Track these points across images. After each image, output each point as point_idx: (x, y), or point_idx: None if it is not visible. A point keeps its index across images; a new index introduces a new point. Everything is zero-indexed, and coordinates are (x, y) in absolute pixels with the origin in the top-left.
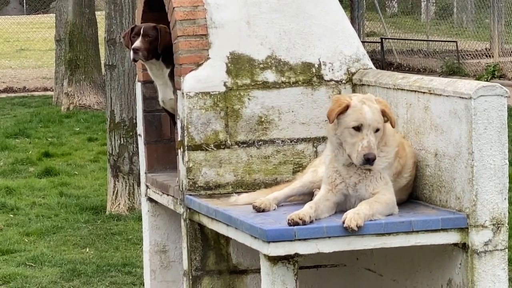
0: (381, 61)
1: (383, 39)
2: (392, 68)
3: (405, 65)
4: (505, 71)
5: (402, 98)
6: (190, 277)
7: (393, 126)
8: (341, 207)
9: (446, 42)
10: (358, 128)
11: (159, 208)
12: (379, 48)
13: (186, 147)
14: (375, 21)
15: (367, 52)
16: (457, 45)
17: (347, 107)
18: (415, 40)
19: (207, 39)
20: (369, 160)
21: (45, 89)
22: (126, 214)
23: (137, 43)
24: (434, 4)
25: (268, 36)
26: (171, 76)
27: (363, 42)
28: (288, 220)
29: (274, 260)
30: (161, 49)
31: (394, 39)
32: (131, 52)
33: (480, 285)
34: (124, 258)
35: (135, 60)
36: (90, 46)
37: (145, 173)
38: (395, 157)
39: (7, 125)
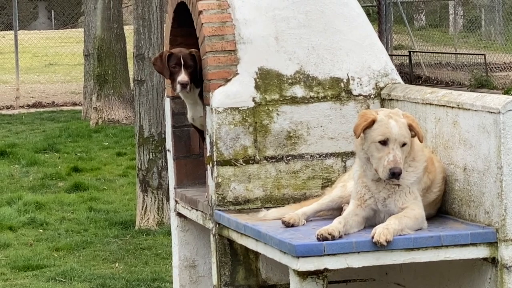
0: (409, 74)
1: (411, 52)
2: (420, 81)
3: (433, 78)
4: None
5: (430, 113)
6: None
7: (420, 141)
8: (370, 222)
9: (474, 55)
10: (384, 143)
11: (188, 223)
12: (407, 61)
13: (215, 162)
14: (403, 34)
15: (395, 66)
16: (485, 58)
17: (373, 122)
18: (443, 53)
19: (235, 54)
20: (394, 174)
21: (74, 104)
22: (155, 229)
23: (184, 77)
24: (462, 17)
25: (297, 52)
26: (201, 95)
27: (391, 55)
28: (317, 235)
29: (304, 275)
30: (199, 75)
31: (422, 52)
32: (178, 86)
33: None
34: (154, 273)
35: (181, 90)
36: (119, 61)
37: (174, 188)
38: (424, 172)
39: (36, 140)
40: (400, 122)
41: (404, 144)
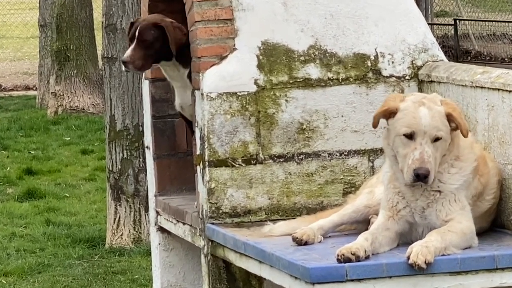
0: (455, 48)
1: (457, 21)
2: (469, 57)
3: (485, 53)
4: None
5: (482, 99)
6: None
7: (464, 135)
8: (405, 239)
9: None
10: (410, 136)
11: (172, 240)
12: (452, 32)
13: (207, 163)
14: None
15: (437, 38)
16: None
17: (393, 110)
18: (498, 21)
19: (232, 24)
20: (419, 177)
21: (27, 88)
22: (131, 248)
23: (127, 53)
24: None
25: (311, 21)
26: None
27: (431, 25)
28: (338, 255)
29: None
30: (174, 49)
31: (471, 20)
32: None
33: None
34: None
35: (127, 71)
36: (84, 33)
37: (155, 195)
38: (474, 175)
39: None
40: (434, 111)
41: (437, 139)
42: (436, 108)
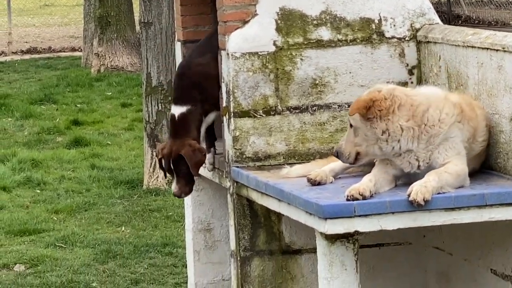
0: (447, 13)
1: None
2: (459, 21)
3: (474, 17)
4: None
5: (472, 57)
6: (238, 258)
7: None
8: (405, 180)
9: None
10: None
11: (202, 181)
12: None
13: (232, 114)
14: None
15: (432, 4)
16: None
17: None
18: None
19: None
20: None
21: (73, 49)
22: (166, 188)
23: (174, 187)
24: None
25: None
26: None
27: None
28: (347, 195)
29: (332, 238)
30: (196, 172)
31: None
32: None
33: None
34: (164, 237)
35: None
36: (123, 1)
37: None
38: (463, 120)
39: (32, 90)
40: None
41: (351, 125)
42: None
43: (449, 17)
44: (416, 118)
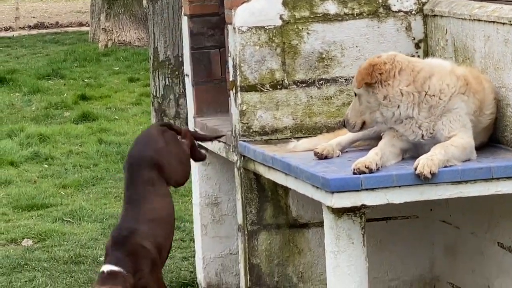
0: None
1: None
2: None
3: None
4: None
5: (479, 30)
6: (245, 232)
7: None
8: (412, 153)
9: None
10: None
11: (209, 156)
12: None
13: (239, 88)
14: None
15: None
16: None
17: None
18: None
19: None
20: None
21: (80, 24)
22: None
23: None
24: None
25: None
26: None
27: None
28: (354, 169)
29: (339, 212)
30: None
31: None
32: None
33: None
34: None
35: None
36: None
37: (194, 117)
38: (467, 92)
39: (39, 65)
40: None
41: (355, 94)
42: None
43: None
44: (416, 83)
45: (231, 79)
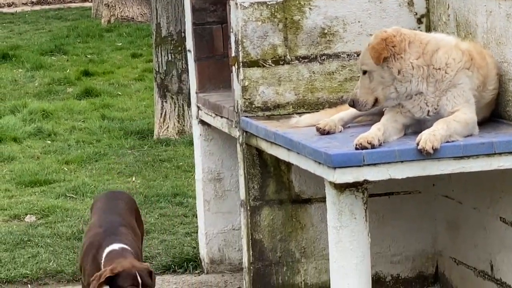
0: None
1: None
2: None
3: None
4: None
5: (481, 5)
6: (248, 208)
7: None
8: (415, 128)
9: None
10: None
11: (212, 131)
12: None
13: (241, 64)
14: None
15: None
16: None
17: None
18: None
19: None
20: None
21: (83, 0)
22: (176, 139)
23: None
24: None
25: None
26: None
27: None
28: (356, 144)
29: (341, 187)
30: None
31: None
32: None
33: None
34: (175, 187)
35: None
36: None
37: (196, 93)
38: (472, 67)
39: (42, 41)
40: (364, 47)
41: (365, 72)
42: (366, 44)
43: None
44: (425, 56)
45: (233, 54)
